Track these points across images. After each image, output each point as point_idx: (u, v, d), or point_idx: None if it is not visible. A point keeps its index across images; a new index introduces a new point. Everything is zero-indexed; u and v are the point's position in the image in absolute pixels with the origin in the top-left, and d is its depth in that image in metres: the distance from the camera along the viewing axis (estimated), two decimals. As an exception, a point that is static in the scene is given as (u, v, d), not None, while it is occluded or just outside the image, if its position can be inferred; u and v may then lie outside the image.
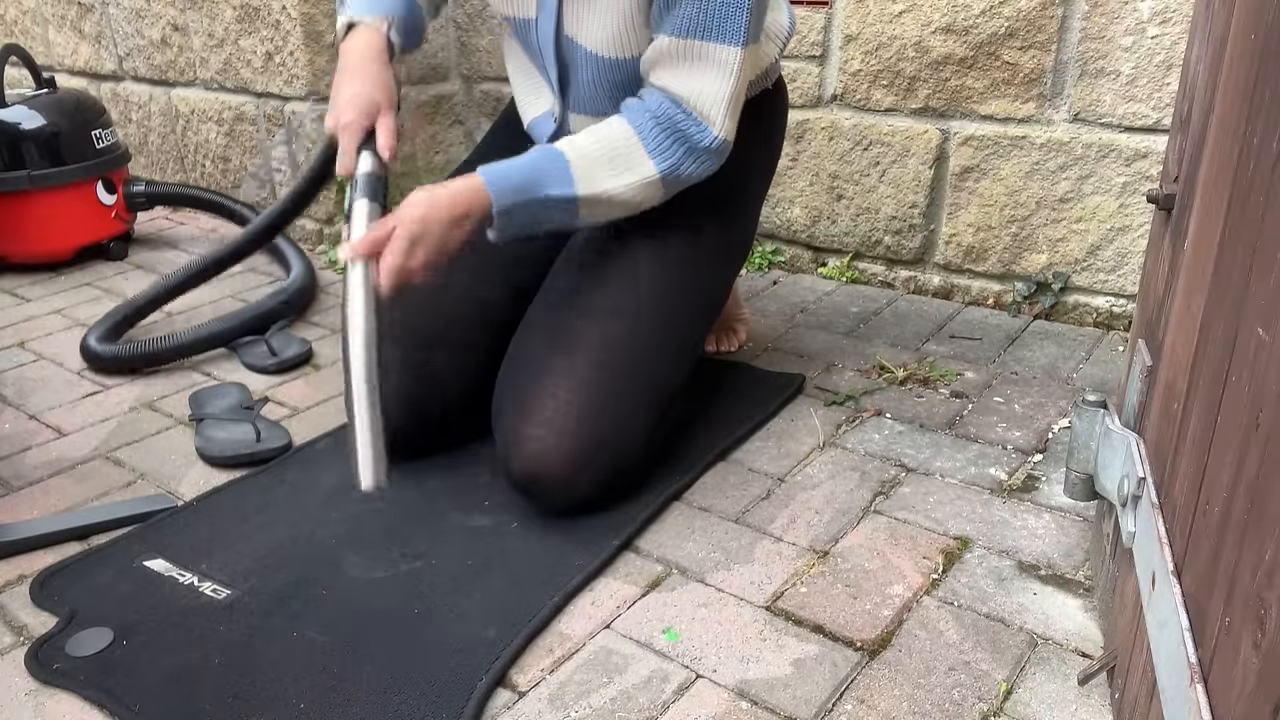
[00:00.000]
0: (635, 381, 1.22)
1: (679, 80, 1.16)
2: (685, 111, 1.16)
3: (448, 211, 1.11)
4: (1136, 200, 1.64)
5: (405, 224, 1.09)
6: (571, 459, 1.16)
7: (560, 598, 1.07)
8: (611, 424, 1.19)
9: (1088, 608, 1.04)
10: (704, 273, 1.34)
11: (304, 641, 1.02)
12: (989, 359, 1.61)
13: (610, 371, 1.20)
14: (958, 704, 0.92)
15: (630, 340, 1.23)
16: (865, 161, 1.88)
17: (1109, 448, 0.94)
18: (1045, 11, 1.62)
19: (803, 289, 1.93)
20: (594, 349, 1.21)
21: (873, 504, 1.23)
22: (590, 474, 1.18)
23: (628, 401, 1.21)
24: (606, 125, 1.19)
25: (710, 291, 1.37)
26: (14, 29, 2.81)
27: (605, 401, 1.19)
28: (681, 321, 1.30)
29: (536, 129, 1.37)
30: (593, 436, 1.17)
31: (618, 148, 1.17)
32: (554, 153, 1.17)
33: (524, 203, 1.15)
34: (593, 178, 1.16)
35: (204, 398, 1.53)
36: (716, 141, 1.18)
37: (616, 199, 1.18)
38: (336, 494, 1.28)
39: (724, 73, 1.15)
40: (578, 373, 1.19)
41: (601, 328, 1.22)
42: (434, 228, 1.10)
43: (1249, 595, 0.53)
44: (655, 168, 1.17)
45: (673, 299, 1.28)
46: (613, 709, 0.93)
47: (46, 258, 2.19)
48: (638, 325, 1.24)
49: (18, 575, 1.15)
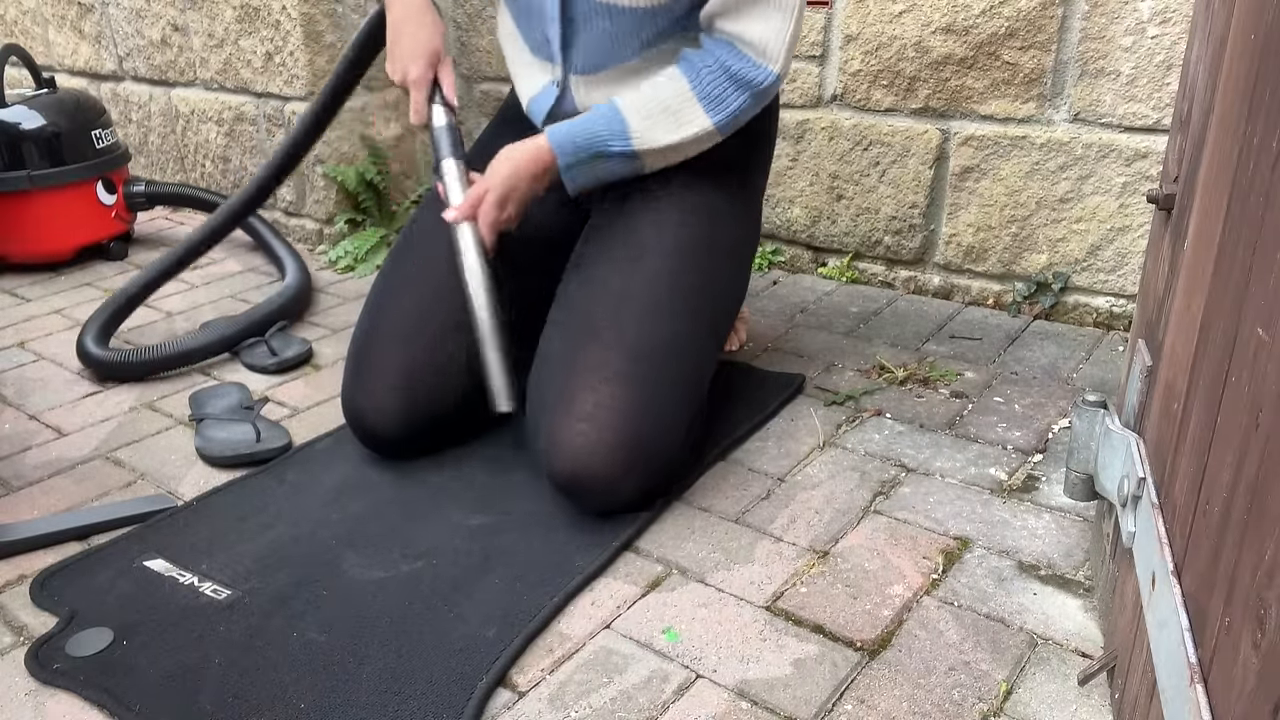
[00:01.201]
0: (673, 371, 1.22)
1: (746, 25, 1.21)
2: (746, 59, 1.22)
3: (529, 169, 1.26)
4: (1136, 200, 1.64)
5: (496, 186, 1.26)
6: (615, 455, 1.15)
7: (560, 598, 1.07)
8: (652, 420, 1.18)
9: (1088, 608, 1.04)
10: (730, 260, 1.35)
11: (304, 641, 1.02)
12: (989, 359, 1.61)
13: (649, 363, 1.20)
14: (958, 704, 0.92)
15: (672, 335, 1.23)
16: (865, 161, 1.88)
17: (1109, 448, 0.94)
18: (1045, 11, 1.62)
19: (803, 289, 1.93)
20: (629, 341, 1.20)
21: (873, 504, 1.23)
22: (634, 475, 1.17)
23: (667, 391, 1.21)
24: (666, 78, 1.24)
25: (736, 279, 1.38)
26: (14, 29, 2.81)
27: (646, 395, 1.18)
28: (710, 311, 1.31)
29: (536, 107, 1.37)
30: (634, 431, 1.16)
31: (674, 103, 1.23)
32: (613, 111, 1.25)
33: (587, 159, 1.25)
34: (651, 134, 1.24)
35: (204, 398, 1.53)
36: (775, 79, 1.24)
37: (676, 148, 1.26)
38: (336, 494, 1.28)
39: (787, 13, 1.21)
40: (614, 364, 1.18)
41: (636, 318, 1.22)
42: (520, 184, 1.27)
43: (1249, 595, 0.53)
44: (711, 121, 1.24)
45: (702, 287, 1.29)
46: (613, 709, 0.93)
47: (46, 258, 2.19)
48: (673, 316, 1.24)
49: (18, 575, 1.15)
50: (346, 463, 1.35)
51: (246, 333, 1.73)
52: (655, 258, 1.26)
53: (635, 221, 1.29)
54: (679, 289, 1.26)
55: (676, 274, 1.26)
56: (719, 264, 1.32)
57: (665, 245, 1.27)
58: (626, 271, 1.26)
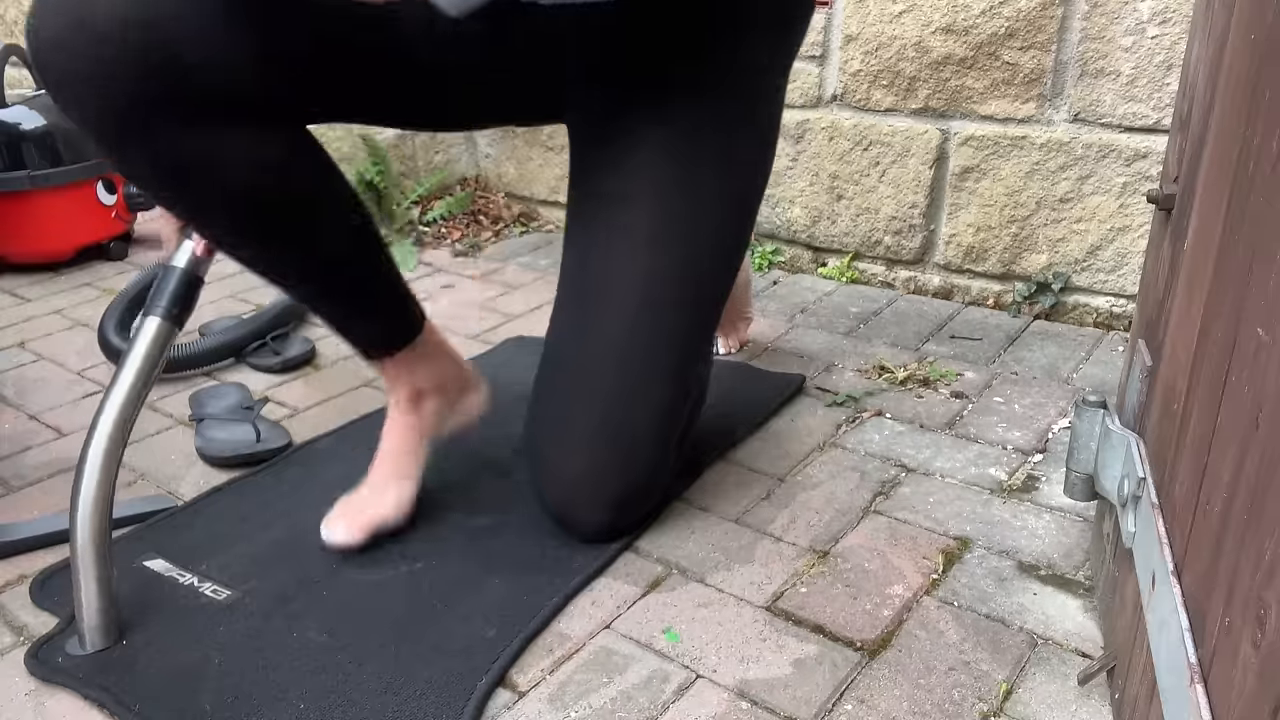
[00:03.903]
0: (659, 413, 1.15)
1: None
2: None
3: None
4: (1136, 200, 1.64)
5: None
6: (602, 514, 1.14)
7: (560, 598, 1.07)
8: (638, 473, 1.15)
9: (1088, 608, 1.04)
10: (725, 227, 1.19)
11: (304, 641, 1.02)
12: (989, 359, 1.61)
13: (636, 412, 1.13)
14: (958, 704, 0.92)
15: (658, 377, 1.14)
16: (865, 161, 1.88)
17: (1109, 448, 0.94)
18: (1045, 11, 1.62)
19: (803, 289, 1.93)
20: (619, 391, 1.13)
21: (873, 504, 1.23)
22: (625, 519, 1.16)
23: (653, 441, 1.15)
24: None
25: (735, 238, 1.21)
26: (14, 29, 2.81)
27: (633, 454, 1.13)
28: (710, 299, 1.20)
29: None
30: (622, 489, 1.14)
31: None
32: None
33: None
34: None
35: (204, 398, 1.53)
36: None
37: None
38: (337, 493, 1.27)
39: None
40: (604, 388, 1.12)
41: (624, 365, 1.13)
42: None
43: (1249, 595, 0.53)
44: None
45: (696, 278, 1.16)
46: (613, 709, 0.93)
47: (46, 258, 2.19)
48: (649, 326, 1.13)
49: (18, 575, 1.15)
50: (347, 462, 1.35)
51: (258, 334, 1.73)
52: (648, 264, 1.12)
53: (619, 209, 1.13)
54: (652, 299, 1.13)
55: (655, 268, 1.12)
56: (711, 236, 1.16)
57: (655, 231, 1.12)
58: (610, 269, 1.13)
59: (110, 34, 0.88)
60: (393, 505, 1.17)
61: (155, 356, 1.03)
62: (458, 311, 1.89)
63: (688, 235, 1.14)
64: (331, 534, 1.15)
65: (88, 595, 1.00)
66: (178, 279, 1.05)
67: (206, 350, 1.66)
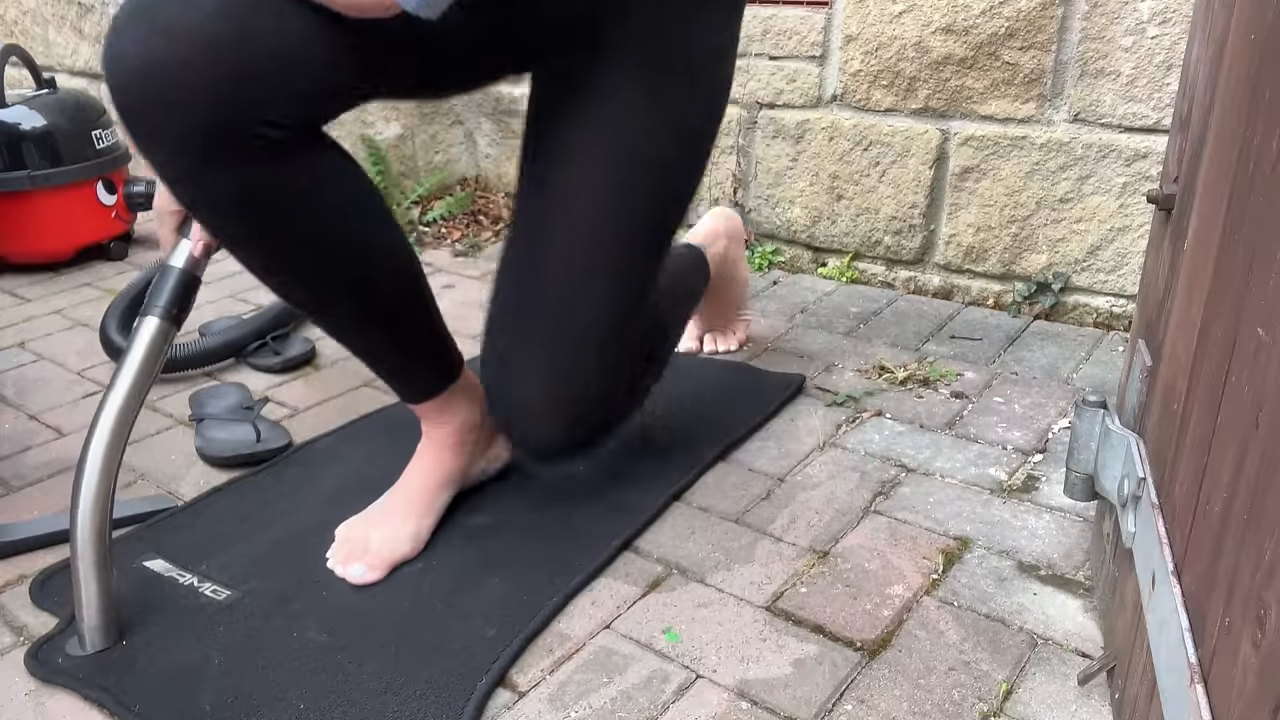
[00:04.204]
0: (609, 331, 1.11)
1: None
2: None
3: None
4: (1136, 200, 1.64)
5: None
6: (550, 399, 1.09)
7: (560, 598, 1.07)
8: (584, 361, 1.10)
9: (1088, 608, 1.05)
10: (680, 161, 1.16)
11: (304, 641, 1.02)
12: (989, 359, 1.61)
13: (587, 332, 1.10)
14: (958, 704, 0.92)
15: (614, 302, 1.11)
16: (865, 162, 1.88)
17: (1109, 448, 0.95)
18: (1045, 12, 1.62)
19: (803, 289, 1.93)
20: (570, 314, 1.10)
21: (873, 504, 1.23)
22: (571, 418, 1.11)
23: (598, 354, 1.11)
24: None
25: (689, 169, 1.18)
26: (14, 29, 2.81)
27: (584, 361, 1.10)
28: (663, 226, 1.16)
29: None
30: (572, 394, 1.10)
31: None
32: None
33: None
34: None
35: (204, 398, 1.53)
36: None
37: None
38: (337, 494, 1.28)
39: None
40: (556, 336, 1.09)
41: (585, 283, 1.10)
42: None
43: (1249, 595, 0.53)
44: None
45: (656, 209, 1.14)
46: (613, 709, 0.93)
47: (46, 258, 2.19)
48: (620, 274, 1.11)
49: (18, 575, 1.15)
50: (346, 463, 1.35)
51: (258, 334, 1.73)
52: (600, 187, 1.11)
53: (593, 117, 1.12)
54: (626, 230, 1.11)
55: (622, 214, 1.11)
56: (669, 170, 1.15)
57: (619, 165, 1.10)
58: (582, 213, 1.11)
59: (194, 58, 0.86)
60: (410, 541, 1.16)
61: (154, 356, 1.02)
62: (458, 312, 1.89)
63: (648, 129, 1.11)
64: (348, 573, 1.12)
65: (88, 595, 1.00)
66: (175, 279, 1.05)
67: (206, 350, 1.66)
